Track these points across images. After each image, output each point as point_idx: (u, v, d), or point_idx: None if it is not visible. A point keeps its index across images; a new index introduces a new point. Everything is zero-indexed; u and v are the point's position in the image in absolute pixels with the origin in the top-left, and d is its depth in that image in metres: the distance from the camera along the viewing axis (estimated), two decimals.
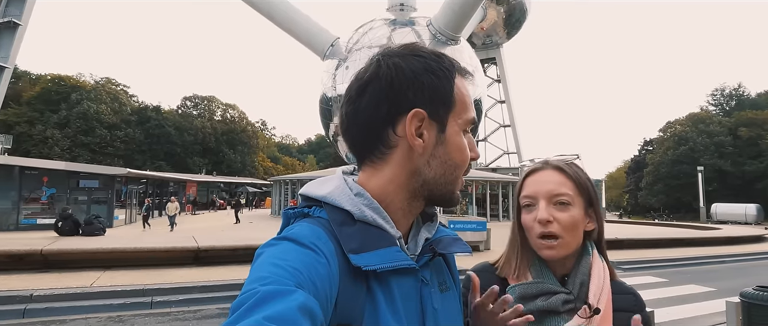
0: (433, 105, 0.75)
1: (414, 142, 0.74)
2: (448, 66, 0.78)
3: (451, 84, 0.77)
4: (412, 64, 0.75)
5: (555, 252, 1.05)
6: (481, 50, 44.58)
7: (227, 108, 66.29)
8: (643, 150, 68.22)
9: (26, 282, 7.44)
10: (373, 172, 0.78)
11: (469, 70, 0.84)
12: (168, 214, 21.15)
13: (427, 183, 0.76)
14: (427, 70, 0.75)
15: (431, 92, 0.75)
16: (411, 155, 0.75)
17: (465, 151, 0.78)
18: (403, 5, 30.09)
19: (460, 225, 13.10)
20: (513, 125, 47.56)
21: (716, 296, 8.39)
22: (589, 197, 1.09)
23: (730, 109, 63.05)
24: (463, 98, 0.78)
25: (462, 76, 0.81)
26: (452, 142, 0.77)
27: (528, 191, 1.10)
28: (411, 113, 0.73)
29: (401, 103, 0.74)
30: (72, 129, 49.62)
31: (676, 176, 54.66)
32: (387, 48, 0.80)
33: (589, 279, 1.05)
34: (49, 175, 20.83)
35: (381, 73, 0.75)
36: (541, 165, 1.13)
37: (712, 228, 23.80)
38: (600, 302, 1.02)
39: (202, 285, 7.85)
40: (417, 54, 0.77)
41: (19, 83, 50.62)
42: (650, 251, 14.53)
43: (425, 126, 0.75)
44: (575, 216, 1.06)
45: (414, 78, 0.74)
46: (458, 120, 0.77)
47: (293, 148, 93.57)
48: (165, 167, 52.38)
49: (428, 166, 0.75)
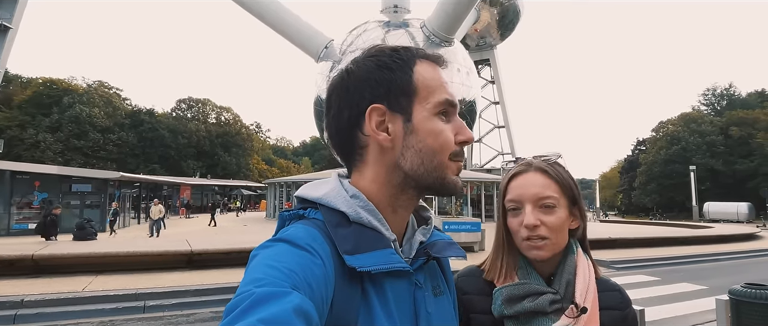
0: (390, 97, 0.75)
1: (377, 137, 0.75)
2: (404, 56, 0.78)
3: (409, 72, 0.77)
4: (365, 65, 0.77)
5: (542, 252, 1.05)
6: (474, 52, 44.73)
7: (222, 110, 65.98)
8: (636, 150, 68.72)
9: (17, 288, 7.36)
10: (359, 175, 0.79)
11: (441, 56, 0.83)
12: (152, 218, 19.72)
13: (408, 175, 0.76)
14: (380, 66, 0.76)
15: (387, 85, 0.75)
16: (383, 151, 0.76)
17: (441, 134, 0.76)
18: (397, 7, 30.12)
19: (455, 225, 13.10)
20: (507, 126, 47.72)
21: (707, 294, 8.46)
22: (572, 196, 1.09)
23: (721, 108, 63.65)
24: (426, 82, 0.77)
25: (431, 62, 0.81)
26: (422, 129, 0.75)
27: (512, 195, 1.09)
28: (368, 109, 0.75)
29: (359, 104, 0.76)
30: (64, 133, 49.16)
31: (669, 175, 55.09)
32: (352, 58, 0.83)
33: (575, 278, 1.05)
34: (41, 180, 20.59)
35: (339, 83, 0.78)
36: (524, 167, 1.12)
37: (705, 227, 24.00)
38: (586, 301, 1.02)
39: (195, 288, 7.80)
40: (373, 54, 0.79)
41: (9, 87, 50.14)
42: (643, 250, 14.62)
43: (389, 119, 0.75)
44: (561, 217, 1.06)
45: (367, 77, 0.76)
46: (426, 105, 0.76)
47: (288, 150, 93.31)
48: (159, 170, 52.08)
49: (403, 158, 0.75)
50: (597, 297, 1.05)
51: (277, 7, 27.41)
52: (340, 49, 27.42)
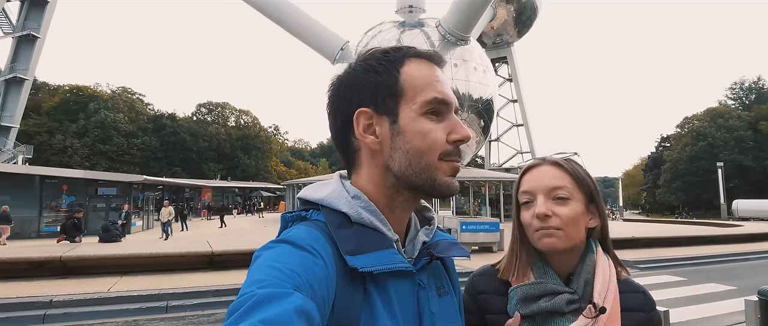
0: (377, 100, 0.76)
1: (364, 140, 0.76)
2: (392, 58, 0.78)
3: (396, 74, 0.77)
4: (354, 70, 0.79)
5: (554, 240, 1.02)
6: (491, 49, 44.29)
7: (241, 114, 67.03)
8: (660, 147, 66.98)
9: (46, 289, 7.60)
10: (357, 177, 0.80)
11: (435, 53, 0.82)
12: (161, 221, 19.09)
13: (399, 176, 0.76)
14: (368, 70, 0.77)
15: (373, 88, 0.76)
16: (373, 153, 0.77)
17: (428, 134, 0.75)
18: (412, 7, 30.06)
19: (473, 226, 12.98)
20: (526, 124, 47.07)
21: (736, 295, 8.16)
22: (589, 192, 1.07)
23: (749, 102, 61.49)
24: (413, 82, 0.76)
25: (423, 59, 0.80)
26: (409, 130, 0.75)
27: (525, 187, 1.08)
28: (356, 114, 0.76)
29: (348, 109, 0.77)
30: (90, 138, 50.65)
31: (695, 173, 53.49)
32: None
33: (594, 278, 1.02)
34: (68, 184, 21.29)
35: (332, 88, 0.80)
36: (538, 161, 1.11)
37: (734, 225, 23.19)
38: (606, 301, 0.99)
39: (216, 289, 7.92)
40: (364, 59, 0.80)
41: (38, 94, 51.91)
42: (668, 250, 14.21)
43: (376, 122, 0.76)
44: (575, 210, 1.03)
45: (354, 82, 0.77)
46: (412, 106, 0.75)
47: (306, 151, 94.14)
48: (181, 173, 53.15)
49: (392, 160, 0.75)
50: (618, 298, 1.02)
51: (296, 12, 27.73)
52: (355, 51, 27.52)
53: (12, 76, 35.88)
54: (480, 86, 27.46)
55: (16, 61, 36.43)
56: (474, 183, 28.71)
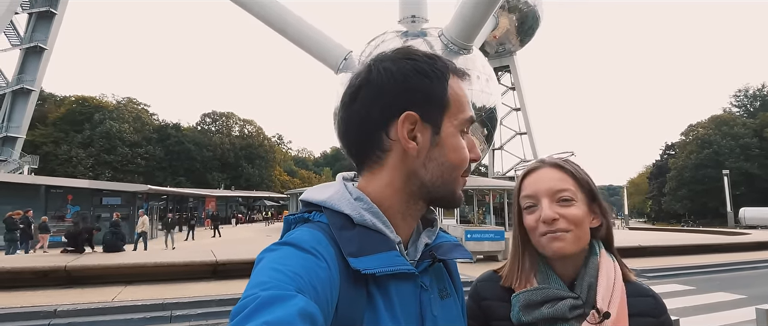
0: (425, 107, 0.74)
1: (407, 145, 0.74)
2: (441, 67, 0.77)
3: (445, 85, 0.76)
4: (402, 67, 0.75)
5: (564, 244, 0.99)
6: (494, 58, 44.43)
7: (245, 123, 67.37)
8: (665, 154, 66.59)
9: (50, 298, 7.60)
10: (372, 177, 0.78)
11: (467, 71, 0.82)
12: (136, 231, 17.62)
13: (426, 185, 0.76)
14: (419, 72, 0.75)
15: (423, 94, 0.74)
16: (406, 158, 0.75)
17: (462, 151, 0.77)
18: (414, 17, 30.23)
19: (478, 234, 12.93)
20: (529, 132, 47.01)
21: (746, 303, 8.05)
22: (591, 192, 1.05)
23: (754, 110, 61.18)
24: (458, 99, 0.77)
25: (459, 77, 0.80)
26: (448, 144, 0.76)
27: (528, 191, 1.06)
28: (402, 116, 0.73)
29: (393, 107, 0.74)
30: (95, 148, 50.98)
31: (701, 181, 53.09)
32: (381, 53, 0.80)
33: (597, 281, 1.00)
34: (73, 193, 21.42)
35: (371, 78, 0.75)
36: (538, 164, 1.10)
37: (741, 234, 22.94)
38: (610, 305, 0.96)
39: (220, 298, 7.90)
40: (409, 57, 0.77)
41: (44, 105, 52.39)
42: (676, 258, 14.06)
43: (418, 128, 0.74)
44: (581, 211, 1.02)
45: (404, 81, 0.74)
46: (454, 121, 0.77)
47: (309, 161, 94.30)
48: (185, 183, 53.30)
49: (424, 169, 0.75)
50: (625, 302, 0.99)
51: (299, 22, 27.94)
52: (359, 60, 27.67)
53: (19, 87, 36.26)
54: (483, 95, 27.49)
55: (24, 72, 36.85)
56: (478, 191, 28.61)
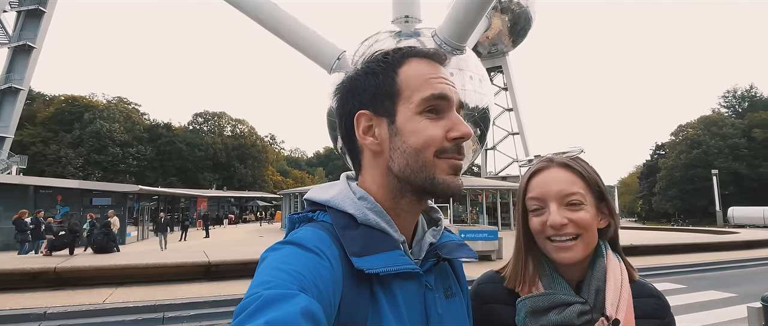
0: (375, 101, 0.76)
1: (364, 141, 0.77)
2: (391, 59, 0.78)
3: (393, 74, 0.76)
4: (355, 74, 0.80)
5: (572, 253, 0.96)
6: (487, 59, 44.63)
7: (237, 123, 67.01)
8: (656, 154, 67.39)
9: (40, 300, 7.49)
10: (362, 178, 0.81)
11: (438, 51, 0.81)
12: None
13: (399, 177, 0.75)
14: (367, 73, 0.78)
15: (372, 90, 0.76)
16: (375, 155, 0.77)
17: (422, 132, 0.73)
18: (408, 17, 30.29)
19: (471, 234, 12.95)
20: (522, 132, 47.30)
21: (737, 302, 8.17)
22: (599, 192, 1.01)
23: (742, 110, 62.11)
24: (409, 82, 0.76)
25: (423, 57, 0.79)
26: (406, 129, 0.74)
27: (535, 193, 1.00)
28: (356, 116, 0.77)
29: (350, 112, 0.78)
30: (85, 148, 50.43)
31: (691, 180, 53.81)
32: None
33: (605, 285, 0.96)
34: (63, 194, 21.16)
35: (336, 92, 0.82)
36: (545, 163, 1.04)
37: (730, 233, 23.27)
38: (619, 311, 0.93)
39: (213, 300, 7.84)
40: (366, 62, 0.81)
41: (33, 104, 51.79)
42: (667, 257, 14.21)
43: (375, 123, 0.76)
44: (589, 214, 0.97)
45: (355, 85, 0.78)
46: (409, 105, 0.75)
47: (302, 161, 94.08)
48: (176, 183, 52.92)
49: (392, 160, 0.75)
50: (632, 306, 0.96)
51: (292, 22, 27.84)
52: (352, 60, 27.64)
53: (7, 86, 35.78)
54: (476, 95, 27.63)
55: (12, 71, 36.36)
56: (471, 191, 28.72)
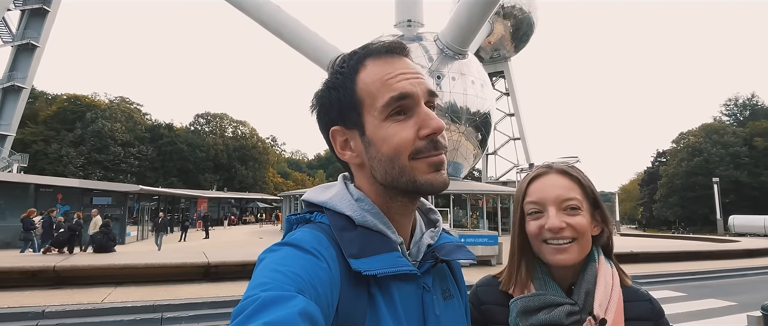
0: (343, 115, 0.76)
1: (343, 157, 0.78)
2: (346, 69, 0.76)
3: (351, 85, 0.75)
4: (321, 90, 0.79)
5: (568, 255, 0.99)
6: (489, 64, 44.72)
7: (238, 124, 67.00)
8: (656, 162, 67.28)
9: (39, 299, 7.49)
10: (356, 183, 0.82)
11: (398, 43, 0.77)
12: (88, 233, 15.04)
13: (384, 184, 0.75)
14: (329, 87, 0.77)
15: (337, 106, 0.76)
16: (358, 167, 0.78)
17: (391, 139, 0.72)
18: (410, 21, 30.37)
19: (471, 239, 12.92)
20: (523, 138, 47.30)
21: (737, 310, 8.14)
22: (594, 200, 1.05)
23: (744, 119, 62.02)
24: (368, 89, 0.74)
25: (385, 56, 0.76)
26: (376, 138, 0.73)
27: (534, 197, 1.04)
28: (330, 134, 0.78)
29: (326, 130, 0.79)
30: (86, 147, 50.43)
31: (691, 188, 53.69)
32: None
33: (595, 288, 1.00)
34: (63, 193, 21.17)
35: (311, 113, 0.82)
36: (544, 169, 1.08)
37: (731, 241, 23.16)
38: (607, 312, 0.97)
39: (212, 300, 7.82)
40: (329, 74, 0.79)
41: (36, 103, 51.85)
42: (667, 265, 14.16)
43: (349, 137, 0.77)
44: (585, 219, 1.01)
45: (321, 103, 0.79)
46: (373, 112, 0.73)
47: (303, 163, 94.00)
48: (177, 184, 52.88)
49: (374, 169, 0.75)
50: (622, 307, 1.00)
51: (295, 24, 27.94)
52: None
53: (10, 85, 35.87)
54: (477, 100, 27.64)
55: (15, 69, 36.47)
56: (471, 196, 28.69)
